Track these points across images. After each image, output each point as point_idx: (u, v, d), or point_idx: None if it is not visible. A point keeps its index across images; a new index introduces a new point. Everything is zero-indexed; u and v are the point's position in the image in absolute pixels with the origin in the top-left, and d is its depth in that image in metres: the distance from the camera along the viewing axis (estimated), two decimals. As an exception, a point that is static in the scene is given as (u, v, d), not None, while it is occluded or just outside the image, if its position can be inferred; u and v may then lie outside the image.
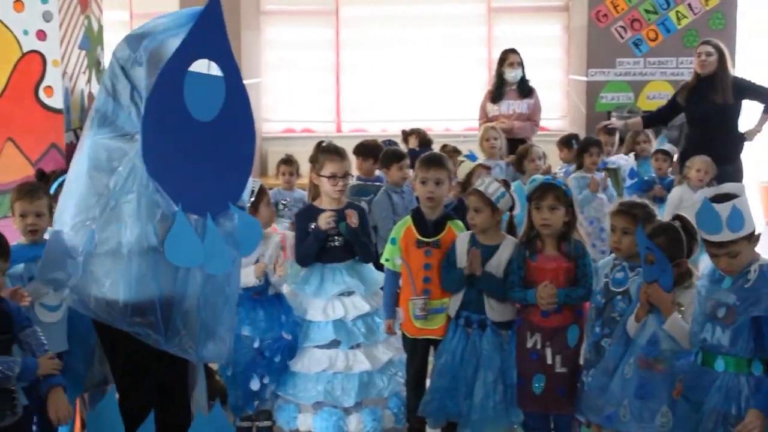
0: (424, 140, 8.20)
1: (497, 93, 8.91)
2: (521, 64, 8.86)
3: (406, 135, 8.40)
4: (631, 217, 4.28)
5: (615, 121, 8.59)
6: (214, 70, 3.46)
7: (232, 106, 3.53)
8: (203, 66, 3.42)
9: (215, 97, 3.48)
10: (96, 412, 3.68)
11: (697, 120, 7.87)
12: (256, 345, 4.83)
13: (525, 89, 8.87)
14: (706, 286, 3.73)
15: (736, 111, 7.80)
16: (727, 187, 3.80)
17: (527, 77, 8.92)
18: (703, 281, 3.78)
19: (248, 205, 4.09)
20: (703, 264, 4.15)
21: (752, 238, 3.63)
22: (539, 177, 4.65)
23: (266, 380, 4.88)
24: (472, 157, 6.50)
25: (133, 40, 3.52)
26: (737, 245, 3.59)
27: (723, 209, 3.59)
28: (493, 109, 8.88)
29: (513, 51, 8.90)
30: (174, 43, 3.41)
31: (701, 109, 7.77)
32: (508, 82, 8.86)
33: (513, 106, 8.83)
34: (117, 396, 3.73)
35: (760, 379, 3.58)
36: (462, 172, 5.95)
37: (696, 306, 3.78)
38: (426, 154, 5.23)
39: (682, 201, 6.93)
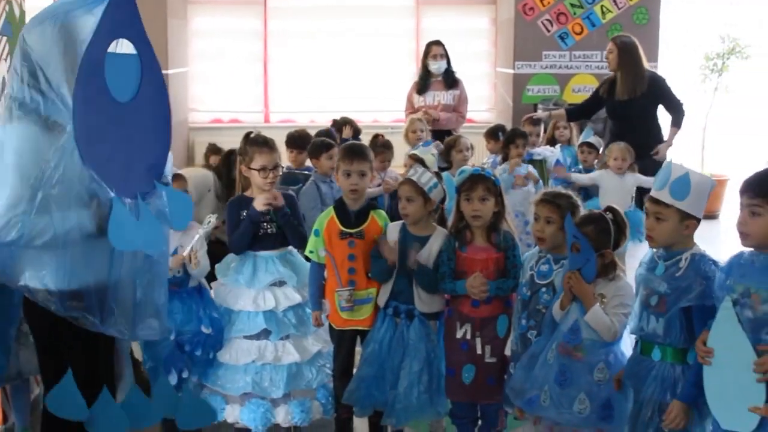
0: (357, 131, 8.20)
1: (423, 84, 8.96)
2: (445, 56, 8.91)
3: (339, 125, 8.39)
4: (555, 206, 4.32)
5: (540, 113, 8.69)
6: (129, 48, 3.43)
7: (147, 83, 3.51)
8: (119, 46, 3.40)
9: (132, 76, 3.47)
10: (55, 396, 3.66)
11: (614, 114, 8.02)
12: (172, 337, 4.77)
13: (450, 81, 8.93)
14: (643, 274, 3.78)
15: (646, 106, 7.94)
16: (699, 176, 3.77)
17: (453, 69, 8.97)
18: (640, 269, 3.82)
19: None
20: (642, 252, 4.17)
21: (687, 220, 3.64)
22: (468, 168, 4.66)
23: (185, 374, 4.84)
24: (427, 144, 6.57)
25: (38, 22, 3.45)
26: (668, 211, 3.63)
27: (676, 170, 3.65)
28: (419, 101, 8.93)
29: (437, 43, 8.96)
30: (83, 20, 3.37)
31: (614, 104, 7.96)
32: (434, 74, 8.90)
33: (439, 97, 8.89)
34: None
35: (693, 368, 3.61)
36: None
37: (634, 293, 3.85)
38: (348, 145, 5.21)
39: (602, 182, 7.17)
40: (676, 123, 7.97)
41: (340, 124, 8.39)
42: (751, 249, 3.39)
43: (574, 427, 4.07)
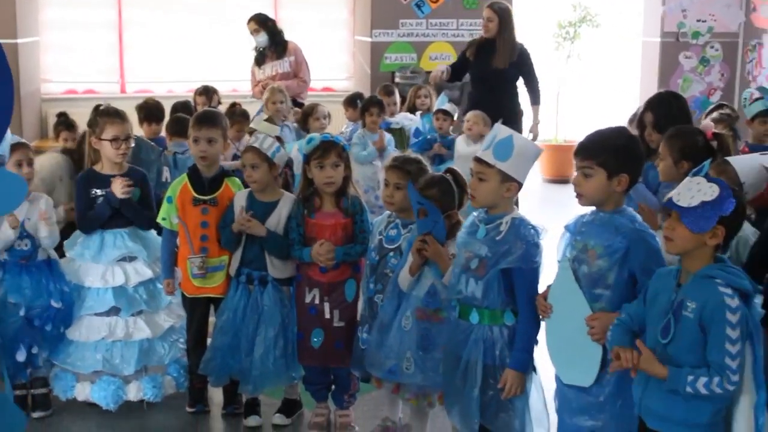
0: (218, 100, 8.11)
1: (260, 57, 9.05)
2: (261, 29, 8.95)
3: (204, 94, 8.26)
4: (404, 172, 4.34)
5: (438, 70, 8.49)
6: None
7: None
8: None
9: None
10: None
11: (478, 79, 8.09)
12: (22, 313, 4.67)
13: (280, 49, 8.94)
14: (464, 238, 3.79)
15: (515, 76, 8.07)
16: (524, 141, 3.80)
17: (280, 37, 9.02)
18: (462, 233, 3.84)
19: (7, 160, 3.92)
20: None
21: (508, 182, 3.65)
22: (316, 135, 4.65)
23: (35, 350, 4.74)
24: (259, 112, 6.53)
25: None
26: (490, 172, 3.64)
27: (501, 132, 3.67)
28: (259, 73, 9.02)
29: (249, 20, 9.04)
30: None
31: (483, 70, 8.01)
32: (262, 47, 8.99)
33: (276, 66, 8.92)
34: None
35: (513, 331, 3.69)
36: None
37: (456, 256, 3.86)
38: (199, 112, 5.17)
39: (458, 148, 7.32)
40: (537, 101, 8.16)
41: (200, 92, 8.25)
42: (593, 208, 3.50)
43: (441, 388, 4.06)
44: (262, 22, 8.98)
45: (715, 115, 6.03)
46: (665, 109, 4.95)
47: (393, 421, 4.60)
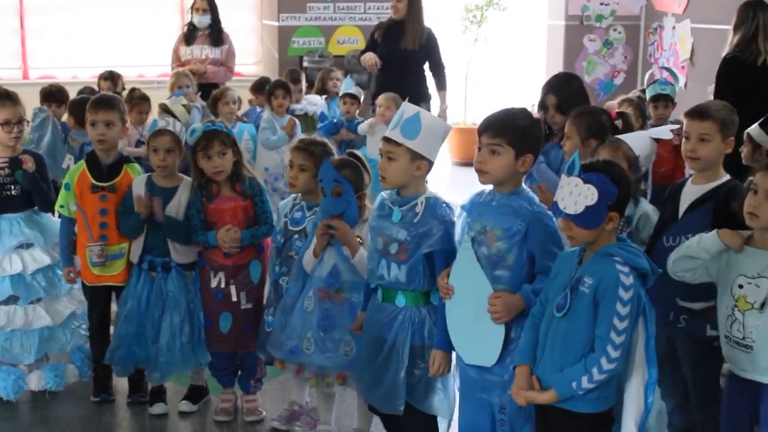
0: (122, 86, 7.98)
1: (189, 36, 8.83)
2: (209, 11, 8.79)
3: (114, 80, 8.11)
4: (309, 153, 4.34)
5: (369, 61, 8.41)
6: None
7: None
8: None
9: None
10: None
11: (387, 62, 8.08)
12: None
13: (217, 36, 8.82)
14: (376, 220, 3.77)
15: (423, 59, 8.08)
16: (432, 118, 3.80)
17: (220, 22, 8.85)
18: (372, 215, 3.82)
19: None
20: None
21: (418, 161, 3.62)
22: (198, 126, 4.61)
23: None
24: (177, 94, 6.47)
25: None
26: (399, 150, 3.61)
27: (408, 109, 3.64)
28: (186, 53, 8.80)
29: None
30: None
31: (392, 52, 7.99)
32: (199, 27, 8.77)
33: (206, 50, 8.77)
34: None
35: (438, 309, 3.68)
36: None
37: (369, 241, 3.85)
38: (96, 96, 5.08)
39: (371, 131, 7.28)
40: (443, 86, 8.17)
41: (108, 77, 8.10)
42: (490, 188, 3.51)
43: (341, 369, 4.11)
44: (212, 4, 8.82)
45: (630, 95, 6.19)
46: (567, 91, 5.02)
47: (300, 405, 4.60)
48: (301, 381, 4.47)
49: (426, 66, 8.15)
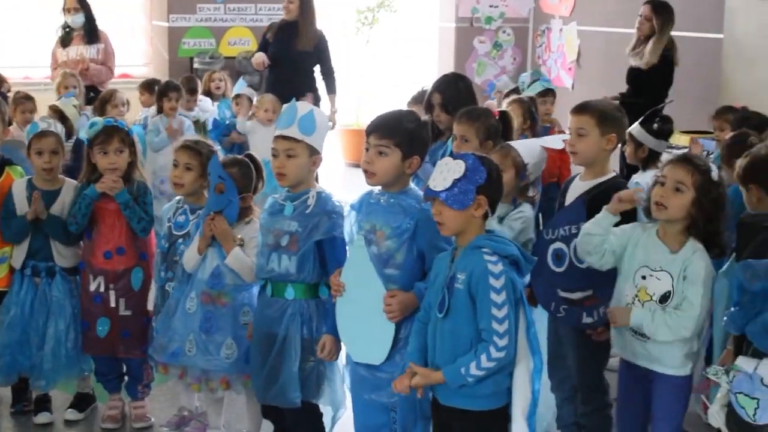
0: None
1: (66, 38, 8.66)
2: (81, 9, 8.63)
3: None
4: (195, 152, 4.31)
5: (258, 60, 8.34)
6: None
7: None
8: None
9: None
10: None
11: (278, 62, 8.05)
12: None
13: (92, 34, 8.66)
14: (267, 219, 3.82)
15: (315, 61, 8.09)
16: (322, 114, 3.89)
17: (95, 21, 8.71)
18: (264, 214, 3.87)
19: None
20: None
21: (314, 156, 3.71)
22: (99, 120, 4.54)
23: None
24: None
25: None
26: (299, 147, 3.68)
27: (302, 107, 3.72)
28: (62, 55, 8.61)
29: None
30: None
31: (284, 53, 7.99)
32: (74, 28, 8.62)
33: (82, 50, 8.60)
34: None
35: (327, 305, 3.73)
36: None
37: (259, 238, 3.87)
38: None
39: (252, 132, 7.30)
40: (333, 89, 8.21)
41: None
42: (379, 188, 3.53)
43: (223, 373, 4.09)
44: (83, 3, 8.62)
45: (513, 96, 6.27)
46: (453, 91, 5.07)
47: (189, 410, 4.56)
48: (188, 385, 4.41)
49: (317, 68, 8.16)
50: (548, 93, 6.54)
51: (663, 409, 3.56)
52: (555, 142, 4.57)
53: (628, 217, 3.65)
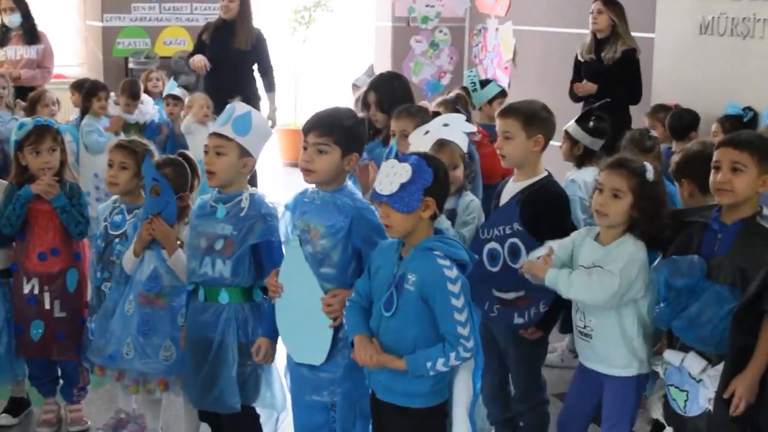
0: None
1: (3, 37, 8.55)
2: (18, 9, 8.52)
3: None
4: (130, 152, 4.27)
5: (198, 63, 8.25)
6: None
7: None
8: None
9: None
10: None
11: (216, 62, 8.00)
12: None
13: (31, 35, 8.53)
14: (197, 221, 3.76)
15: (254, 60, 8.08)
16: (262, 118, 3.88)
17: (34, 21, 8.59)
18: (193, 216, 3.82)
19: None
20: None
21: (245, 158, 3.67)
22: (28, 120, 4.47)
23: None
24: None
25: None
26: (229, 146, 3.63)
27: (239, 107, 3.68)
28: (0, 55, 8.47)
29: None
30: None
31: (222, 52, 7.95)
32: (12, 28, 8.49)
33: (21, 51, 8.48)
34: None
35: (262, 308, 3.72)
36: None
37: (189, 241, 3.82)
38: None
39: (190, 131, 7.24)
40: (272, 88, 8.22)
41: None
42: (313, 186, 3.52)
43: (161, 375, 4.06)
44: (19, 2, 8.50)
45: (450, 95, 6.30)
46: (388, 90, 5.08)
47: (127, 412, 4.51)
48: (125, 388, 4.37)
49: (255, 67, 8.14)
50: (503, 94, 6.56)
51: (608, 409, 3.59)
52: (462, 125, 4.37)
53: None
